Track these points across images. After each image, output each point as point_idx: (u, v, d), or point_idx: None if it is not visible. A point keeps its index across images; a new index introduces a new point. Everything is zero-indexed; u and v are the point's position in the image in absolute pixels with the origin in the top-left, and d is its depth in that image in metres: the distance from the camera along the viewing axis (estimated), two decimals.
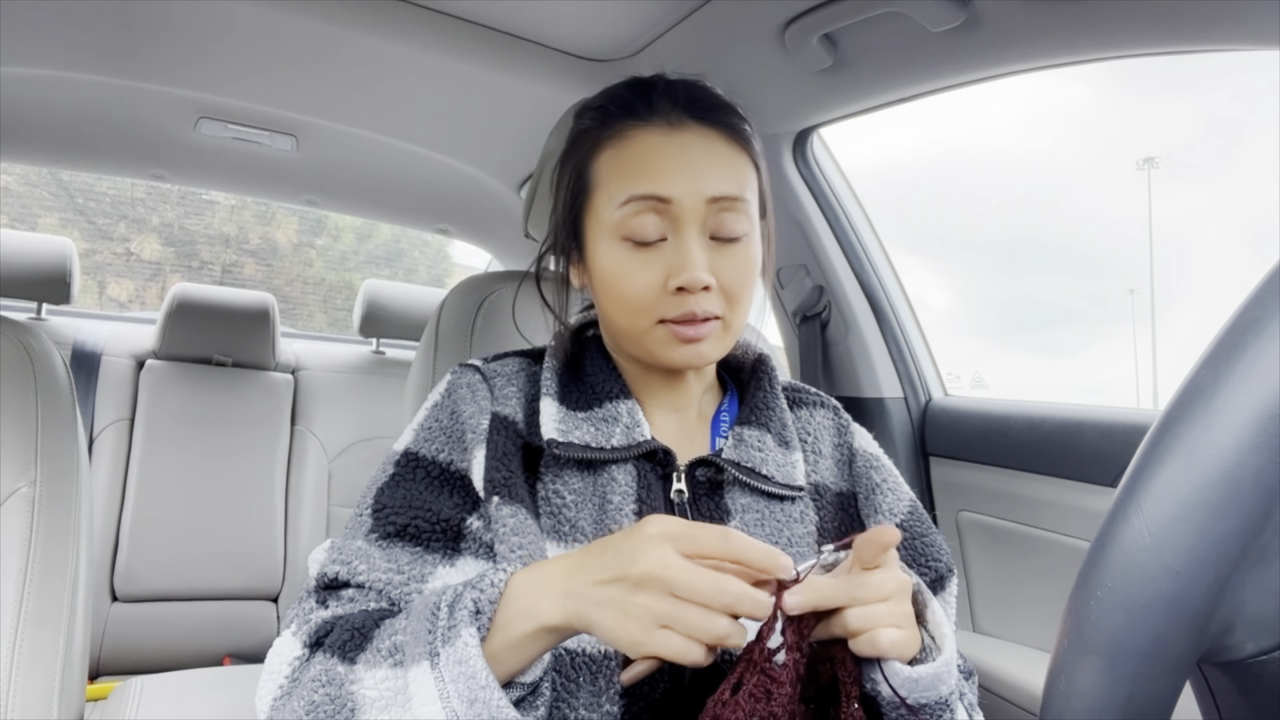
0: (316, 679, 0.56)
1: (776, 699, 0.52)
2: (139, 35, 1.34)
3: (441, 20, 1.28)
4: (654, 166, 0.68)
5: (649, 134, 0.69)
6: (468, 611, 0.53)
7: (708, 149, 0.69)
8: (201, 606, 2.05)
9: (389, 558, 0.65)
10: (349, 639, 0.58)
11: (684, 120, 0.70)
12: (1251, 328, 0.35)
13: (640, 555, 0.51)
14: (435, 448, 0.70)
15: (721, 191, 0.67)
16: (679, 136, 0.69)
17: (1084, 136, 60.44)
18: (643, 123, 0.70)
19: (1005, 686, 1.13)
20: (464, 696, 0.51)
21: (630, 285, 0.68)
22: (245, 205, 4.82)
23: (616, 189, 0.68)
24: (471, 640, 0.52)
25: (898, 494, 0.76)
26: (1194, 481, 0.34)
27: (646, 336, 0.69)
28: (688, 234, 0.67)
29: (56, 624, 0.86)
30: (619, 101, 0.73)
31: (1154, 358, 10.85)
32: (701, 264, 0.66)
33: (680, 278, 0.66)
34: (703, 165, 0.68)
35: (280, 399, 2.26)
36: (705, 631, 0.49)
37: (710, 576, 0.50)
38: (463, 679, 0.51)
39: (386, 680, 0.54)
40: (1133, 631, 0.35)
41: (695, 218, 0.67)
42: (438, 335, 1.06)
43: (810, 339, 1.50)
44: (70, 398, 0.96)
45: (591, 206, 0.71)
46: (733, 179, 0.69)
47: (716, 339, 0.70)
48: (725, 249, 0.69)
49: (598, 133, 0.72)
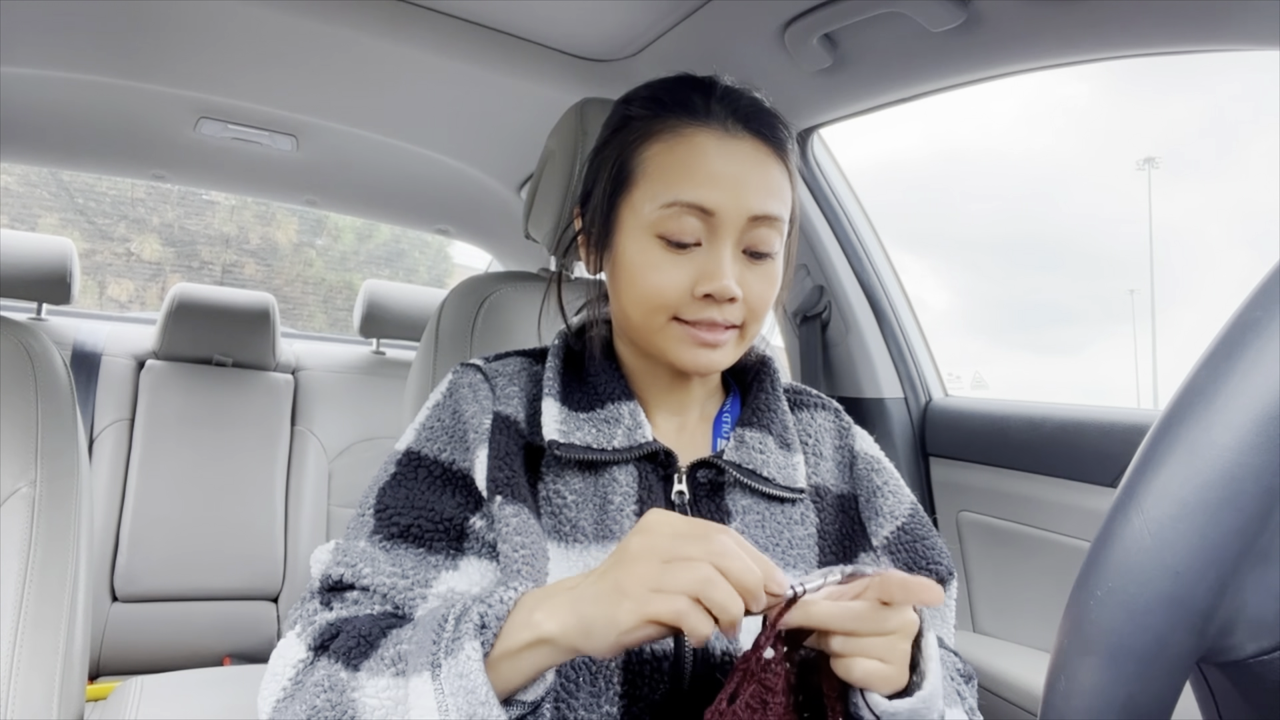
0: (319, 684, 0.56)
1: (772, 709, 0.52)
2: (139, 35, 1.34)
3: (441, 20, 1.28)
4: (704, 174, 0.67)
5: (704, 137, 0.68)
6: (473, 625, 0.53)
7: (758, 164, 0.69)
8: (201, 606, 2.05)
9: (393, 560, 0.65)
10: (354, 645, 0.57)
11: (740, 130, 0.69)
12: (1251, 328, 0.35)
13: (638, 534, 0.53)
14: (437, 447, 0.70)
15: (764, 210, 0.67)
16: (733, 145, 0.68)
17: (1084, 134, 60.46)
18: (699, 123, 0.69)
19: (1005, 686, 1.13)
20: (462, 710, 0.51)
21: (654, 281, 0.67)
22: (245, 205, 4.82)
23: (662, 188, 0.67)
24: (474, 654, 0.52)
25: (899, 497, 0.76)
26: (1194, 481, 0.34)
27: (660, 333, 0.69)
28: (724, 245, 0.67)
29: (56, 624, 0.86)
30: (676, 96, 0.71)
31: (1154, 358, 10.85)
32: (733, 275, 0.66)
33: (710, 285, 0.66)
34: (751, 180, 0.67)
35: (280, 399, 2.26)
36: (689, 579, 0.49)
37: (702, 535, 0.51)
38: (463, 692, 0.51)
39: (388, 690, 0.54)
40: (1133, 631, 0.35)
41: (734, 230, 0.67)
42: (438, 335, 1.07)
43: (810, 339, 1.50)
44: (70, 398, 0.96)
45: (630, 198, 0.70)
46: (776, 198, 0.68)
47: (732, 348, 0.70)
48: (755, 264, 0.69)
49: (649, 124, 0.70)
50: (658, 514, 0.54)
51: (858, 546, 0.75)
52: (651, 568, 0.50)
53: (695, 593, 0.49)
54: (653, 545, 0.51)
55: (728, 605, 0.49)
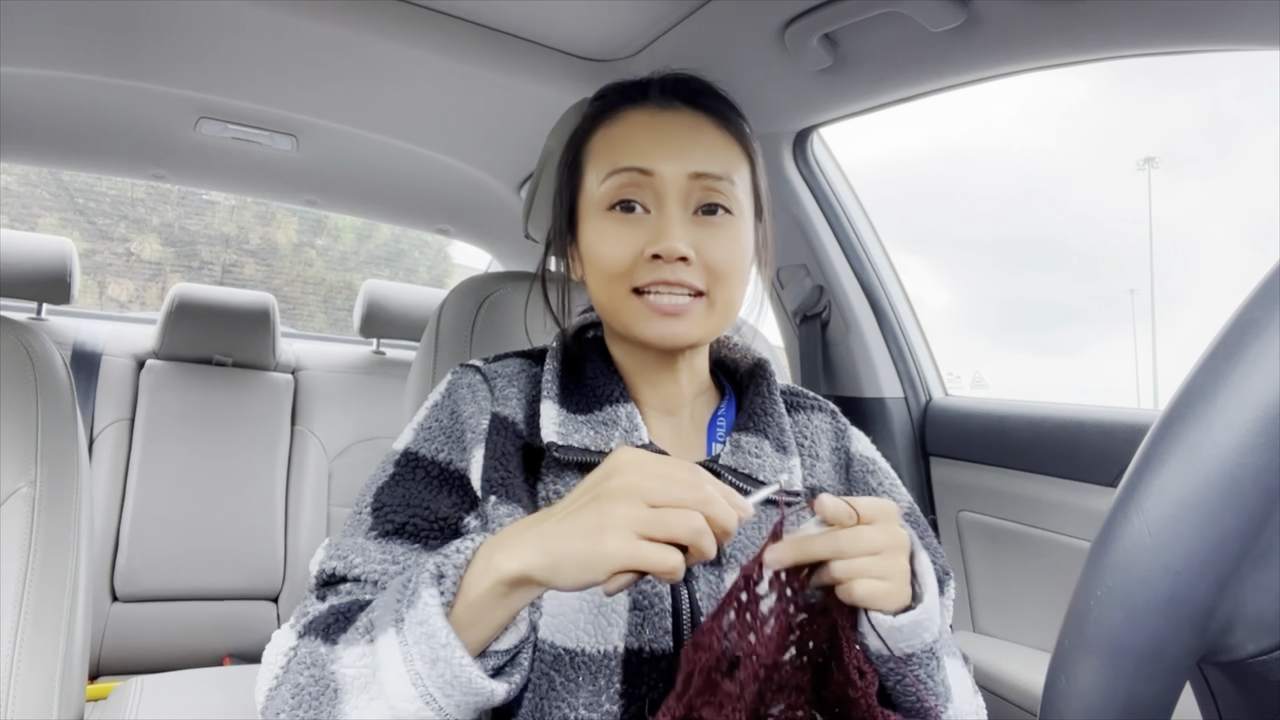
0: (301, 662, 0.57)
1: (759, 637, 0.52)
2: (139, 35, 1.34)
3: (441, 20, 1.28)
4: (639, 141, 0.70)
5: (638, 113, 0.73)
6: (429, 575, 0.53)
7: (694, 129, 0.72)
8: (201, 606, 2.05)
9: (384, 550, 0.65)
10: (333, 622, 0.58)
11: (673, 102, 0.73)
12: (1251, 328, 0.35)
13: (616, 473, 0.52)
14: (434, 447, 0.70)
15: (704, 168, 0.69)
16: (666, 115, 0.72)
17: (1084, 133, 60.42)
18: (634, 105, 0.73)
19: (1005, 686, 1.13)
20: (425, 657, 0.50)
21: (609, 253, 0.69)
22: (245, 205, 4.82)
23: (603, 164, 0.71)
24: (432, 600, 0.51)
25: (894, 497, 0.77)
26: (1194, 481, 0.34)
27: (624, 308, 0.70)
28: (669, 207, 0.69)
29: (56, 624, 0.86)
30: (618, 89, 0.76)
31: (1154, 358, 10.85)
32: (680, 236, 0.68)
33: (657, 245, 0.67)
34: (686, 142, 0.70)
35: (280, 399, 2.26)
36: (682, 528, 0.49)
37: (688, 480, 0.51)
38: (424, 639, 0.51)
39: (363, 656, 0.53)
40: (1133, 631, 0.35)
41: (677, 191, 0.69)
42: (438, 335, 1.07)
43: (810, 339, 1.50)
44: (70, 398, 0.96)
45: (583, 187, 0.74)
46: (718, 160, 0.71)
47: (699, 318, 0.70)
48: (709, 225, 0.70)
49: (594, 119, 0.75)
50: (630, 451, 0.54)
51: None
52: (638, 510, 0.50)
53: (688, 541, 0.50)
54: (638, 486, 0.51)
55: (708, 551, 0.50)
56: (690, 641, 0.53)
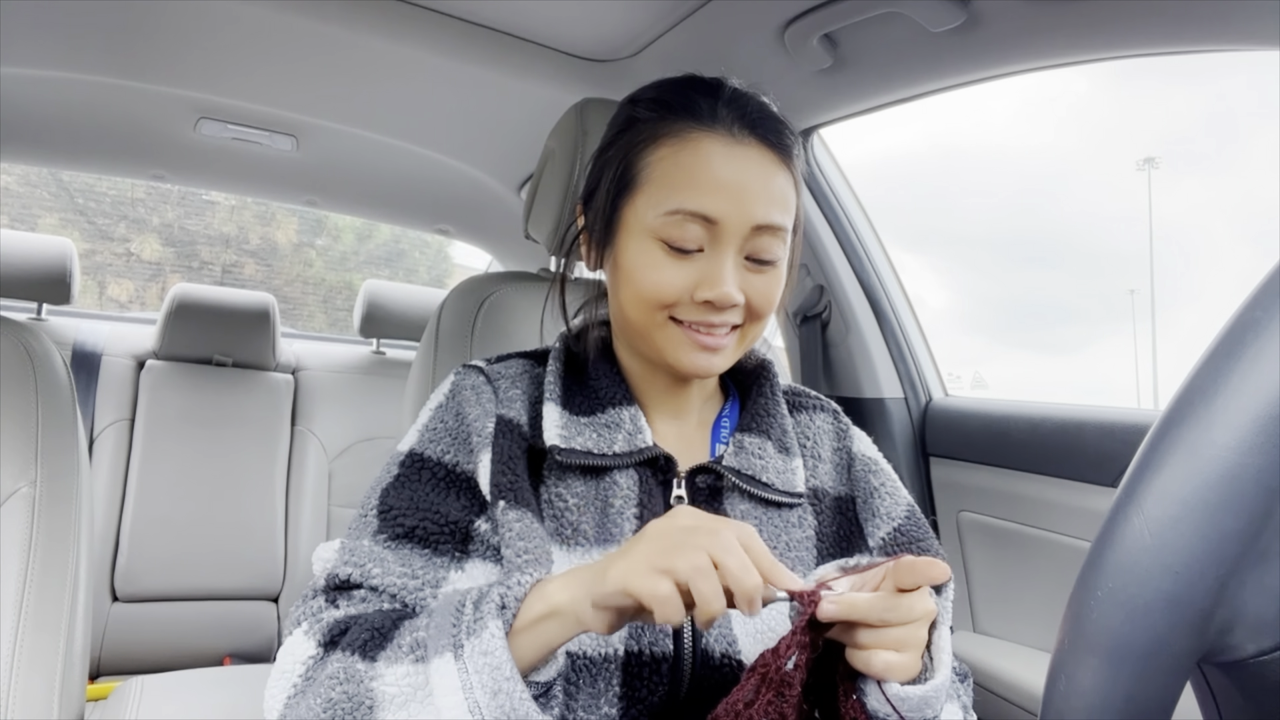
0: (334, 676, 0.56)
1: (788, 701, 0.52)
2: (139, 35, 1.34)
3: (441, 20, 1.28)
4: (709, 182, 0.65)
5: (710, 143, 0.67)
6: (494, 605, 0.54)
7: (763, 172, 0.67)
8: (201, 606, 2.05)
9: (401, 560, 0.65)
10: (369, 638, 0.58)
11: (746, 136, 0.68)
12: (1251, 328, 0.35)
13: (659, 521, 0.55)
14: (441, 449, 0.70)
15: (768, 220, 0.67)
16: (738, 152, 0.67)
17: (1084, 130, 60.34)
18: (704, 128, 0.67)
19: (1005, 686, 1.14)
20: (487, 687, 0.52)
21: (653, 281, 0.67)
22: (245, 205, 4.82)
23: (665, 195, 0.66)
24: (498, 632, 0.53)
25: (895, 498, 0.76)
26: (1194, 481, 0.34)
27: (659, 332, 0.69)
28: (726, 253, 0.66)
29: (57, 624, 0.86)
30: (682, 99, 0.70)
31: (1154, 357, 10.85)
32: (734, 282, 0.66)
33: (710, 293, 0.66)
34: (755, 189, 0.66)
35: (280, 399, 2.26)
36: (683, 563, 0.50)
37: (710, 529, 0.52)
38: (487, 670, 0.52)
39: (408, 676, 0.54)
40: (1133, 631, 0.35)
41: (737, 239, 0.66)
42: (438, 336, 1.06)
43: (810, 339, 1.50)
44: (70, 398, 0.96)
45: (633, 201, 0.69)
46: (780, 207, 0.68)
47: (732, 350, 0.70)
48: (757, 270, 0.68)
49: (654, 127, 0.69)
50: (685, 508, 0.56)
51: (855, 548, 0.75)
52: (655, 547, 0.52)
53: (684, 579, 0.50)
54: (666, 530, 0.53)
55: (710, 601, 0.50)
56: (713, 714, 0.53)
